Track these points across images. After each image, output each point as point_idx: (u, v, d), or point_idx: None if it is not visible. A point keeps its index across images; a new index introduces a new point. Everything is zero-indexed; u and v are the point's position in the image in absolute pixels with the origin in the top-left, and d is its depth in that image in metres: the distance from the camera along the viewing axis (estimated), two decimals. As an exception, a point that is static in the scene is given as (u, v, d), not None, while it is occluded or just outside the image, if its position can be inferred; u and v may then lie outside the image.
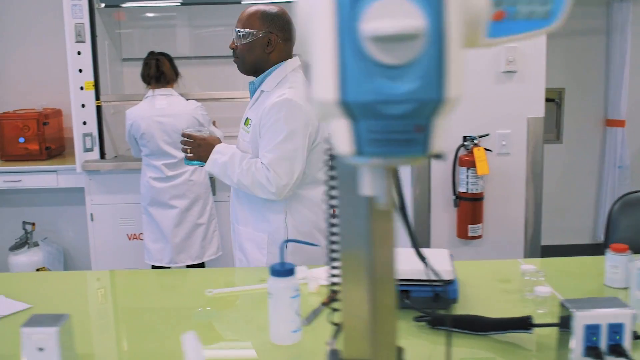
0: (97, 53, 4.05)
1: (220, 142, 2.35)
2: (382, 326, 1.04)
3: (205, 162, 2.32)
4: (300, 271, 2.08)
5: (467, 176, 3.43)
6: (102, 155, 4.14)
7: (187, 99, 3.79)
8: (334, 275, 1.18)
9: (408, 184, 3.66)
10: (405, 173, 3.69)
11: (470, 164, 3.40)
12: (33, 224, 4.45)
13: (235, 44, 2.32)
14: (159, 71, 3.70)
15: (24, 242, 4.44)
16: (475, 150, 3.40)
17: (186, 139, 2.35)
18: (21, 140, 4.32)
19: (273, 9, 2.30)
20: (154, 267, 3.86)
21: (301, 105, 2.22)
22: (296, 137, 2.21)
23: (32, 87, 4.74)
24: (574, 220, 5.41)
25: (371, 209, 0.98)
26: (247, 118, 2.36)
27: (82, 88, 4.00)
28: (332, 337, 1.20)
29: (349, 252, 1.04)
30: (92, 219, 4.16)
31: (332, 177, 1.07)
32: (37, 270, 4.38)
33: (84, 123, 4.03)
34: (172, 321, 1.86)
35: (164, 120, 3.64)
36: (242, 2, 4.28)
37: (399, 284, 1.76)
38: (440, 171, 3.53)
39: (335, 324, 1.22)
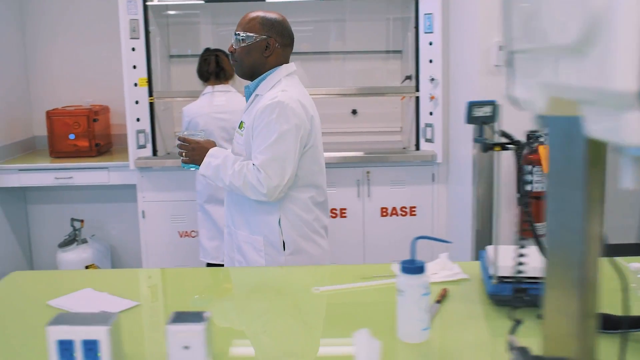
0: (151, 49, 4.03)
1: (215, 145, 2.40)
2: (585, 326, 1.02)
3: (199, 165, 2.36)
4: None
5: (532, 174, 3.40)
6: (154, 152, 4.12)
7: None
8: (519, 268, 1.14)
9: (470, 182, 3.64)
10: (467, 171, 3.67)
11: (536, 162, 3.37)
12: (82, 221, 4.43)
13: (234, 47, 2.35)
14: (219, 67, 3.68)
15: (73, 239, 4.42)
16: (540, 148, 3.37)
17: (181, 143, 2.39)
18: (71, 136, 4.31)
19: (273, 15, 2.36)
20: (208, 264, 3.85)
21: (293, 108, 2.26)
22: (288, 139, 2.24)
23: (76, 84, 4.73)
24: (620, 219, 5.36)
25: (587, 207, 0.96)
26: (242, 121, 2.40)
27: (135, 85, 3.98)
28: (510, 334, 1.18)
29: (558, 251, 1.02)
30: (143, 216, 4.15)
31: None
32: (87, 267, 4.37)
33: (137, 120, 4.01)
34: (289, 320, 1.83)
35: (223, 117, 3.62)
36: (267, 1, 4.23)
37: (514, 282, 1.75)
38: (504, 168, 3.50)
39: (517, 321, 1.20)
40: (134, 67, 3.96)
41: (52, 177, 4.20)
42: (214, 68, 3.68)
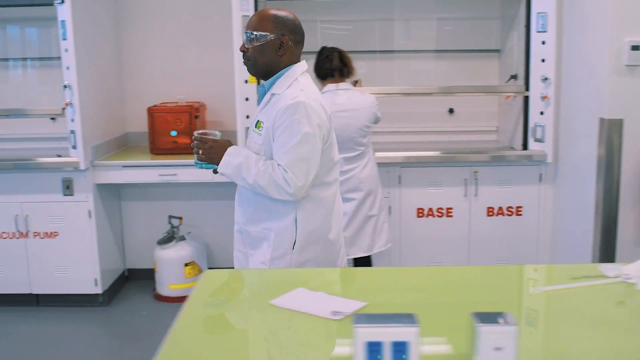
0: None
1: (232, 144, 2.39)
2: None
3: (216, 164, 2.34)
4: (613, 269, 2.05)
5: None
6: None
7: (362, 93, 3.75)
8: None
9: (586, 182, 3.61)
10: (583, 171, 3.65)
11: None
12: (180, 218, 4.41)
13: (246, 46, 2.33)
14: (342, 63, 3.65)
15: (171, 236, 4.40)
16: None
17: (197, 142, 2.37)
18: (173, 133, 4.28)
19: (284, 12, 2.34)
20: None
21: (314, 107, 2.27)
22: (311, 138, 2.24)
23: (168, 81, 4.70)
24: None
25: None
26: (258, 120, 2.37)
27: (246, 81, 3.96)
28: None
29: None
30: (248, 214, 4.12)
31: None
32: (186, 265, 4.35)
33: (247, 117, 3.98)
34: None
35: (347, 115, 3.59)
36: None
37: None
38: (628, 166, 3.47)
39: None
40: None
41: (155, 174, 4.18)
42: (337, 64, 3.64)
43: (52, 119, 4.59)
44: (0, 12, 4.55)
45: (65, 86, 3.95)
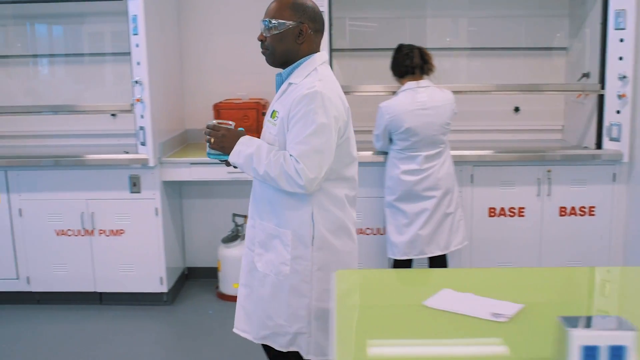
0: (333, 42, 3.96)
1: (245, 134, 2.31)
2: None
3: (228, 153, 2.28)
4: None
5: None
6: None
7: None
8: None
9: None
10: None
11: None
12: (245, 216, 4.36)
13: (264, 35, 2.26)
14: (423, 60, 3.60)
15: (236, 234, 4.35)
16: None
17: (210, 130, 2.30)
18: (240, 130, 4.22)
19: None
20: (396, 262, 3.78)
21: (331, 99, 2.19)
22: (326, 130, 2.16)
23: (226, 78, 4.65)
24: None
25: None
26: (273, 110, 2.30)
27: (319, 78, 3.90)
28: None
29: None
30: (317, 213, 4.06)
31: None
32: (251, 263, 4.29)
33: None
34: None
35: (429, 112, 3.54)
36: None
37: None
38: None
39: None
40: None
41: (224, 171, 4.11)
42: (418, 62, 3.59)
43: (113, 115, 4.55)
44: (42, 8, 4.53)
45: (136, 82, 3.90)
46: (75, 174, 4.11)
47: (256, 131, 4.24)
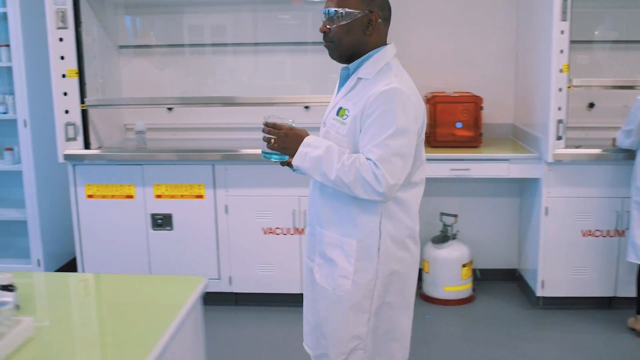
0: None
1: (308, 134, 2.05)
2: None
3: (289, 155, 2.04)
4: None
5: None
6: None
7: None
8: None
9: None
10: None
11: None
12: (455, 216, 4.14)
13: (327, 26, 2.02)
14: None
15: (445, 235, 4.14)
16: None
17: (270, 128, 2.04)
18: (458, 125, 4.01)
19: None
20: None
21: (410, 97, 1.96)
22: (407, 132, 1.93)
23: (428, 69, 4.41)
24: None
25: None
26: (341, 108, 2.05)
27: (561, 70, 3.69)
28: None
29: None
30: (546, 213, 3.85)
31: None
32: (464, 266, 4.08)
33: (559, 109, 3.71)
34: None
35: None
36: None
37: None
38: None
39: None
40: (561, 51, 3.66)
41: (446, 168, 3.91)
42: None
43: (306, 107, 4.33)
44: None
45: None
46: (286, 169, 3.87)
47: (474, 126, 4.03)
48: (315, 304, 2.18)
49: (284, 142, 2.03)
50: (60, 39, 3.83)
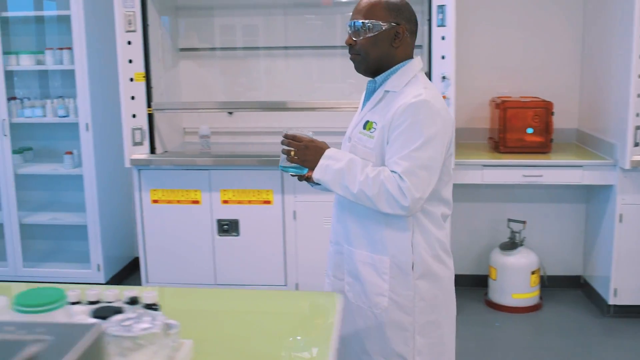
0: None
1: (329, 147, 2.01)
2: None
3: (310, 167, 1.99)
4: None
5: None
6: None
7: None
8: None
9: None
10: None
11: None
12: (524, 222, 4.09)
13: (353, 38, 1.99)
14: None
15: (513, 241, 4.09)
16: None
17: (290, 140, 1.99)
18: (529, 130, 3.96)
19: None
20: None
21: (440, 110, 1.93)
22: (434, 144, 1.89)
23: (490, 73, 4.38)
24: None
25: None
26: (368, 121, 2.02)
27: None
28: None
29: None
30: (620, 220, 3.80)
31: None
32: (532, 273, 4.03)
33: (637, 115, 3.66)
34: None
35: None
36: None
37: None
38: None
39: None
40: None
41: (518, 174, 3.86)
42: None
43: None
44: None
45: (443, 77, 3.64)
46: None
47: (545, 132, 3.98)
48: (348, 322, 2.10)
49: (304, 154, 1.98)
50: (129, 42, 3.78)
